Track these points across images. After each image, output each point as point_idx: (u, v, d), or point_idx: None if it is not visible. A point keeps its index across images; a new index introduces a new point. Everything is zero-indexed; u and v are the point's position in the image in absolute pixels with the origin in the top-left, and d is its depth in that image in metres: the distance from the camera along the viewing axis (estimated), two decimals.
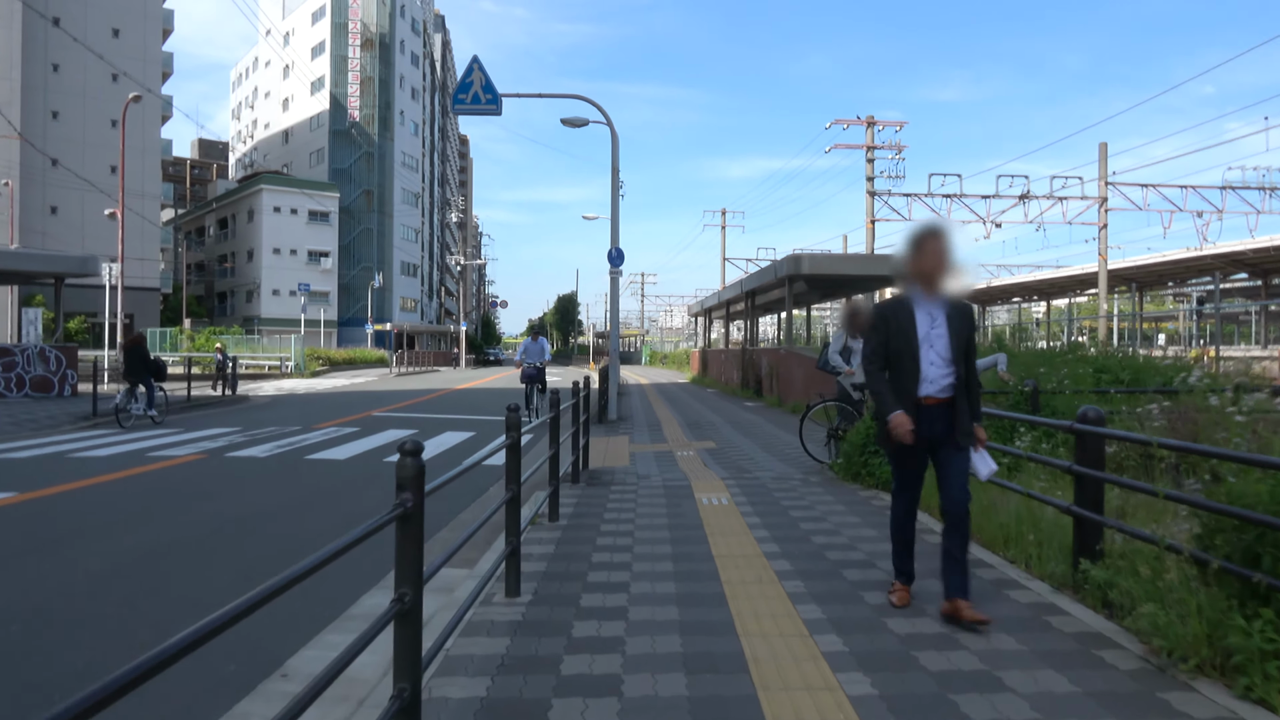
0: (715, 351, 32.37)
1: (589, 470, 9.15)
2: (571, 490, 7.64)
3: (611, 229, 15.98)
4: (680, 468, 9.34)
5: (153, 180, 57.42)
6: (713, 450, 11.03)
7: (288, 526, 6.66)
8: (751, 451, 10.83)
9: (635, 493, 7.49)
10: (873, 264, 18.84)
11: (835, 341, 9.00)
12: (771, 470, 8.95)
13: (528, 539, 5.62)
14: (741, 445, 11.57)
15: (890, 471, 7.69)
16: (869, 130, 34.42)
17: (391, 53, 70.10)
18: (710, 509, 6.66)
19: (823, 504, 6.86)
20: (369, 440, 12.27)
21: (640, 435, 13.12)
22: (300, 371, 35.84)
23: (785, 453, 10.61)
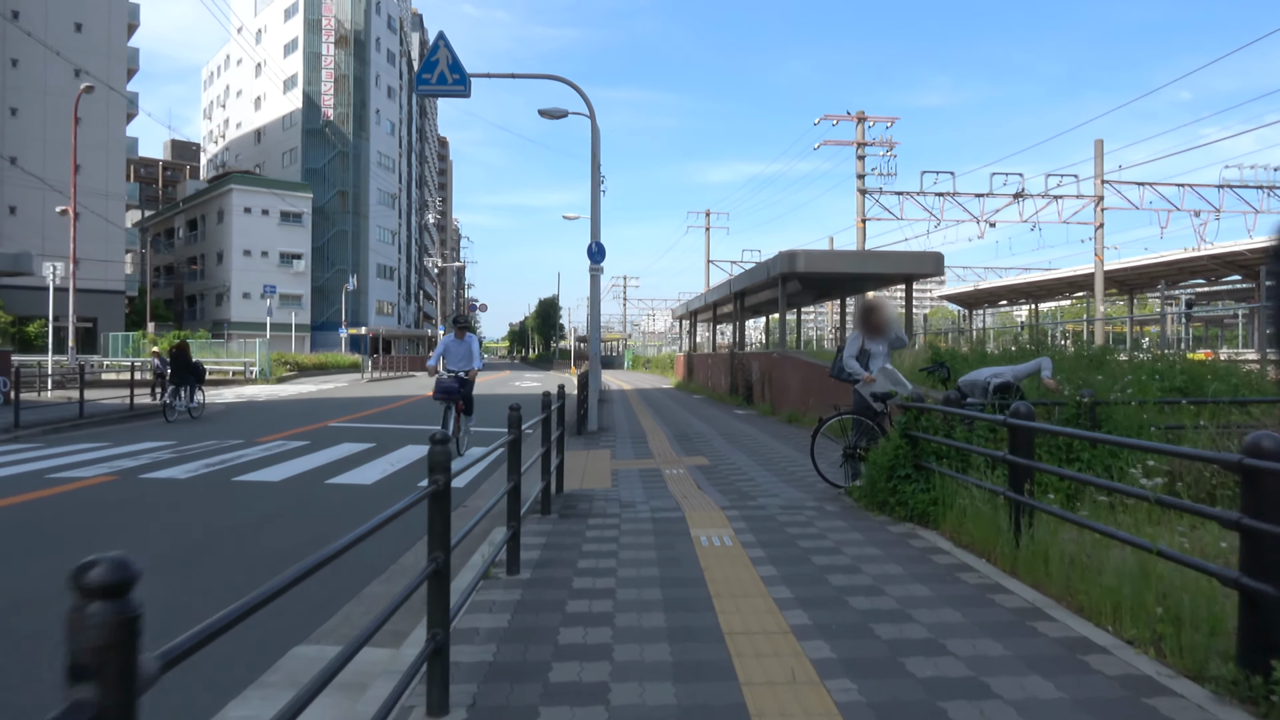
0: (701, 356, 31.07)
1: (564, 495, 7.80)
2: (540, 525, 6.27)
3: (592, 222, 14.63)
4: (670, 491, 7.99)
5: (117, 179, 55.50)
6: (705, 468, 9.69)
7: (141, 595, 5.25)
8: (749, 469, 9.50)
9: (618, 528, 6.13)
10: (872, 261, 17.60)
11: (850, 344, 7.70)
12: (777, 495, 7.62)
13: (475, 604, 4.26)
14: (737, 461, 10.23)
15: (926, 502, 6.44)
16: (859, 126, 33.29)
17: (367, 50, 68.44)
18: (712, 553, 5.32)
19: (850, 544, 5.53)
20: (316, 456, 10.83)
21: (624, 449, 11.77)
22: (266, 377, 34.19)
23: (790, 471, 9.28)
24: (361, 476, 9.20)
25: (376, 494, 8.26)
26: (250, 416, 17.57)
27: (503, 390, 31.25)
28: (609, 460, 10.54)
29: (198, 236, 69.08)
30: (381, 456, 11.00)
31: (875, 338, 7.67)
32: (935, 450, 6.39)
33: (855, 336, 7.69)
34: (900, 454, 6.44)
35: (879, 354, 7.68)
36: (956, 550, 5.32)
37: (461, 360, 11.09)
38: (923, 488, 6.23)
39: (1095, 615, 3.89)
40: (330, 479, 9.01)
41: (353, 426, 15.16)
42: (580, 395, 14.16)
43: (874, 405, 7.48)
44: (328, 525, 6.76)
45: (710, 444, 12.18)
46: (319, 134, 67.40)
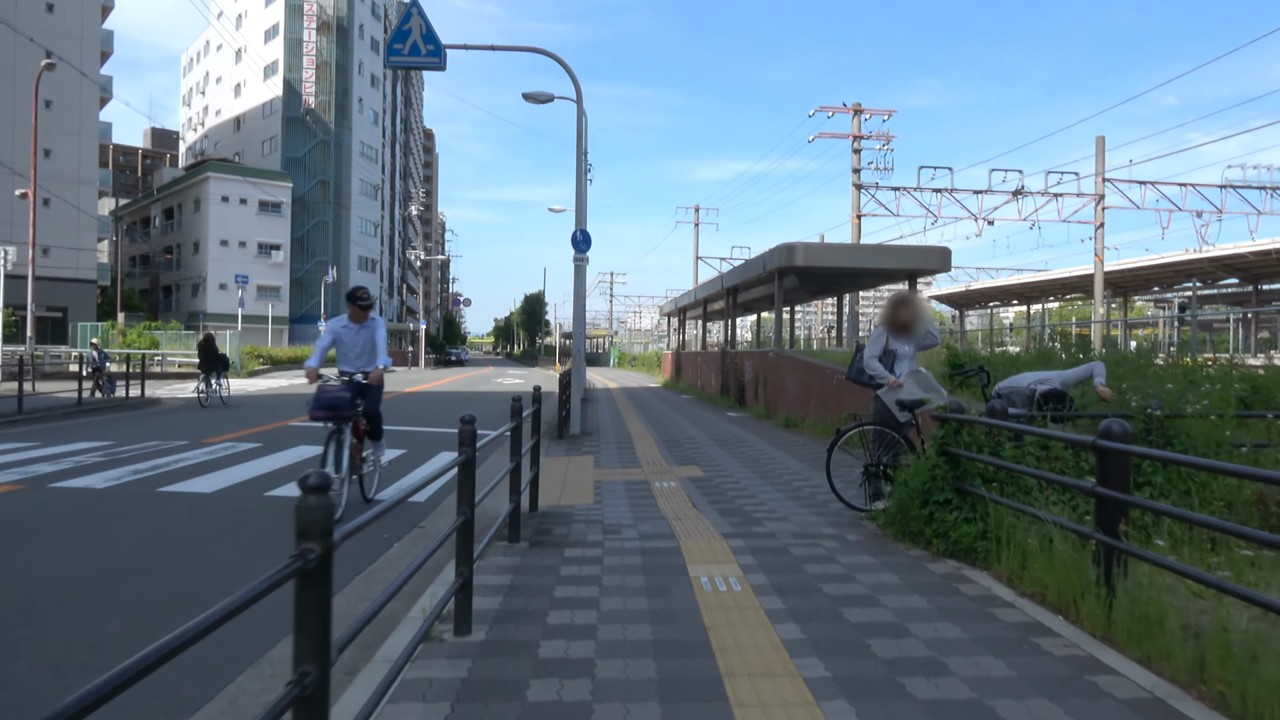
0: (690, 354, 30.01)
1: (538, 514, 6.71)
2: (507, 557, 5.18)
3: (577, 208, 13.53)
4: (661, 510, 6.91)
5: (90, 165, 53.89)
6: (700, 480, 8.62)
7: None
8: (750, 483, 8.43)
9: (600, 563, 5.04)
10: (875, 256, 16.57)
11: (873, 343, 6.63)
12: (786, 519, 6.55)
13: (407, 687, 3.16)
14: (735, 472, 9.16)
15: (974, 536, 5.31)
16: (856, 119, 32.30)
17: (350, 37, 66.92)
18: (717, 603, 4.24)
19: (887, 590, 4.47)
20: (264, 462, 9.68)
21: (608, 455, 10.68)
22: (236, 371, 32.83)
23: (796, 487, 8.22)
24: None
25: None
26: (205, 412, 16.35)
27: (484, 388, 30.09)
28: (592, 469, 9.46)
29: (174, 226, 67.38)
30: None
31: (902, 336, 6.61)
32: (981, 472, 5.34)
33: (879, 334, 6.63)
34: (938, 475, 5.39)
35: (906, 355, 6.63)
36: (1021, 601, 4.26)
37: (360, 357, 7.49)
38: (967, 517, 5.18)
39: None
40: (272, 489, 7.88)
41: (315, 426, 13.94)
42: (562, 395, 13.05)
43: (899, 415, 6.42)
44: (250, 554, 5.64)
45: (703, 451, 11.11)
46: (300, 122, 65.84)
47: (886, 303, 6.69)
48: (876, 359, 6.53)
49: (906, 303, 6.65)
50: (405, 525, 6.51)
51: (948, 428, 5.52)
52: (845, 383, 12.40)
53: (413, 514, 6.98)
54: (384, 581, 4.90)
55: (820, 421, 12.82)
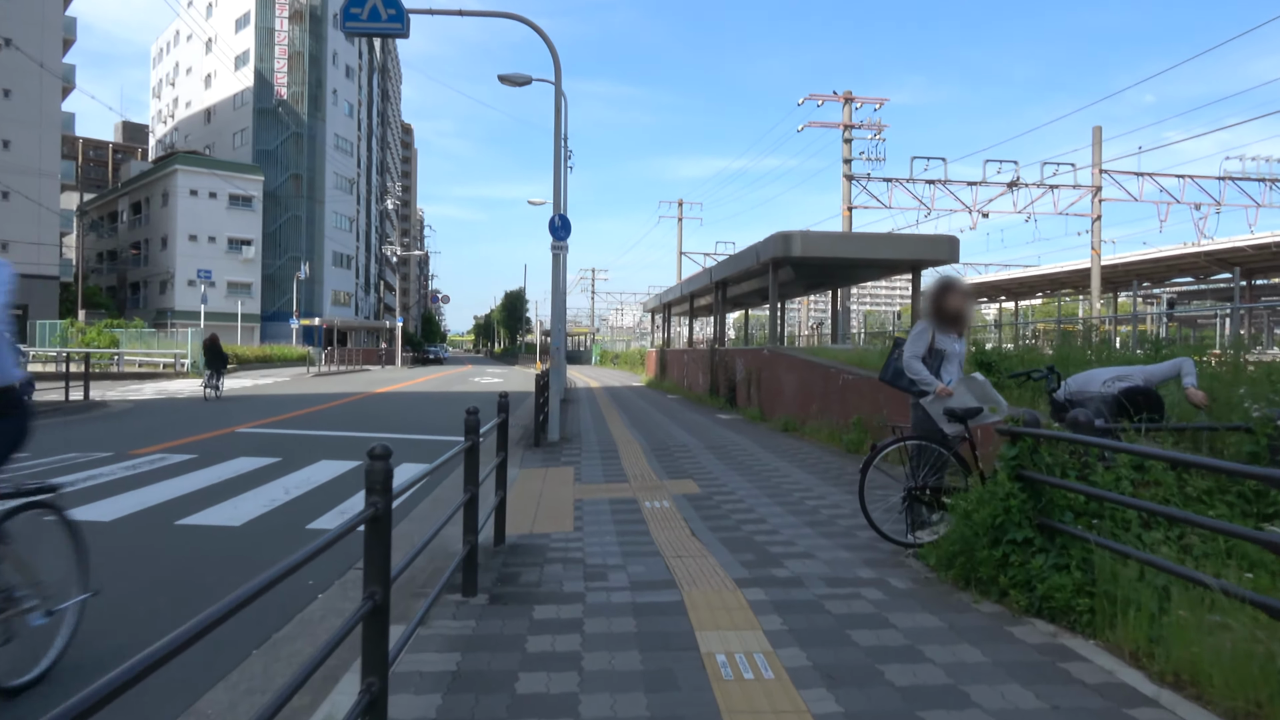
0: (676, 352, 28.80)
1: (506, 547, 5.48)
2: (457, 621, 3.94)
3: (554, 191, 12.27)
4: (655, 540, 5.69)
5: (51, 158, 51.97)
6: (697, 499, 7.39)
7: None
8: (755, 502, 7.21)
9: (579, 630, 3.81)
10: (878, 245, 15.41)
11: (914, 340, 5.41)
12: (810, 553, 5.33)
13: None
14: (736, 488, 7.94)
15: (1070, 590, 3.49)
16: (846, 107, 31.21)
17: (323, 26, 65.12)
18: (743, 701, 3.01)
19: (972, 675, 3.26)
20: (192, 478, 8.36)
21: (591, 467, 9.44)
22: (197, 371, 31.27)
23: (811, 508, 7.01)
24: (234, 512, 6.77)
25: (241, 544, 5.85)
26: (151, 418, 14.96)
27: (459, 388, 28.75)
28: (572, 485, 8.21)
29: (142, 220, 65.37)
30: (281, 477, 8.56)
31: (951, 330, 5.41)
32: (1071, 504, 4.15)
33: (922, 329, 5.41)
34: (1013, 507, 4.19)
35: (955, 355, 5.42)
36: (1165, 695, 3.07)
37: None
38: (1057, 562, 3.98)
39: None
40: (187, 517, 6.56)
41: (265, 433, 12.64)
42: (539, 398, 11.78)
43: (946, 427, 5.22)
44: (118, 616, 4.36)
45: (697, 461, 9.88)
46: (272, 114, 64.01)
47: (929, 290, 5.49)
48: (919, 359, 5.33)
49: (954, 288, 5.44)
50: (342, 562, 5.24)
51: (1022, 446, 4.33)
52: (852, 384, 11.24)
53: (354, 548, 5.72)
54: (291, 659, 3.65)
55: (824, 426, 11.64)
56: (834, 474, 8.70)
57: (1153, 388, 5.34)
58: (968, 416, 5.10)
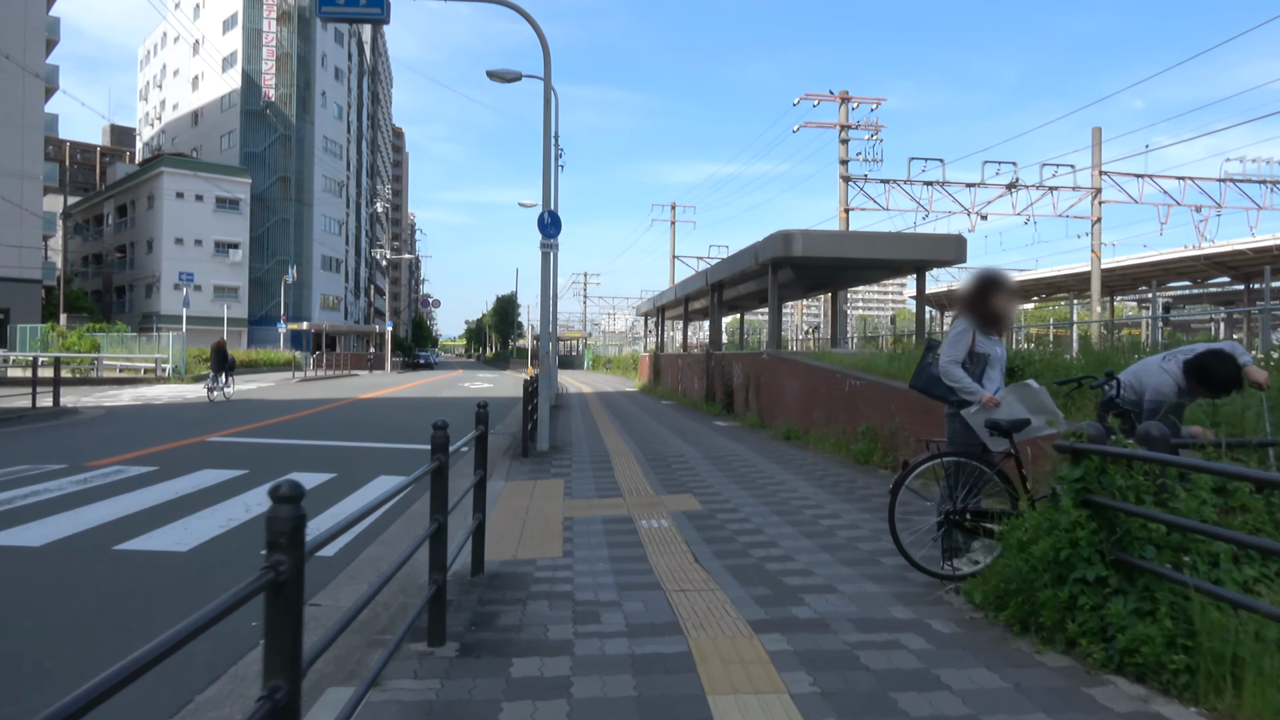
0: (670, 356, 28.13)
1: (484, 578, 4.81)
2: (418, 681, 3.26)
3: (544, 185, 11.60)
4: (654, 569, 5.02)
5: (34, 160, 51.02)
6: (699, 517, 6.72)
7: None
8: (764, 521, 6.54)
9: (565, 694, 3.13)
10: (883, 244, 14.78)
11: (953, 343, 4.73)
12: (832, 586, 4.66)
13: None
14: (740, 505, 7.27)
15: (1160, 642, 3.07)
16: (842, 107, 30.65)
17: (312, 27, 64.31)
18: None
19: None
20: (147, 493, 7.64)
21: (582, 479, 8.76)
22: (179, 376, 30.48)
23: (826, 528, 6.34)
24: (183, 535, 6.06)
25: (182, 574, 5.15)
26: (121, 425, 14.21)
27: (448, 393, 28.02)
28: (561, 500, 7.53)
29: (127, 224, 64.41)
30: (246, 492, 7.85)
31: (992, 331, 4.76)
32: (1153, 536, 3.50)
33: (962, 330, 4.74)
34: (1081, 539, 3.53)
35: (998, 359, 4.77)
36: None
37: None
38: (1139, 607, 3.32)
39: None
40: (129, 541, 5.85)
41: (238, 442, 11.91)
42: (527, 405, 11.09)
43: (989, 441, 4.56)
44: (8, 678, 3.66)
45: (696, 473, 9.21)
46: (259, 116, 63.18)
47: (970, 286, 4.82)
48: (959, 364, 4.66)
49: (1000, 283, 4.78)
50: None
51: (1087, 465, 3.67)
52: (859, 390, 10.59)
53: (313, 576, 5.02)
54: None
55: (830, 435, 10.98)
56: (844, 488, 8.04)
57: (1220, 353, 4.59)
58: (1014, 430, 4.44)
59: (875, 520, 6.42)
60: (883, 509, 6.86)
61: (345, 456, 10.63)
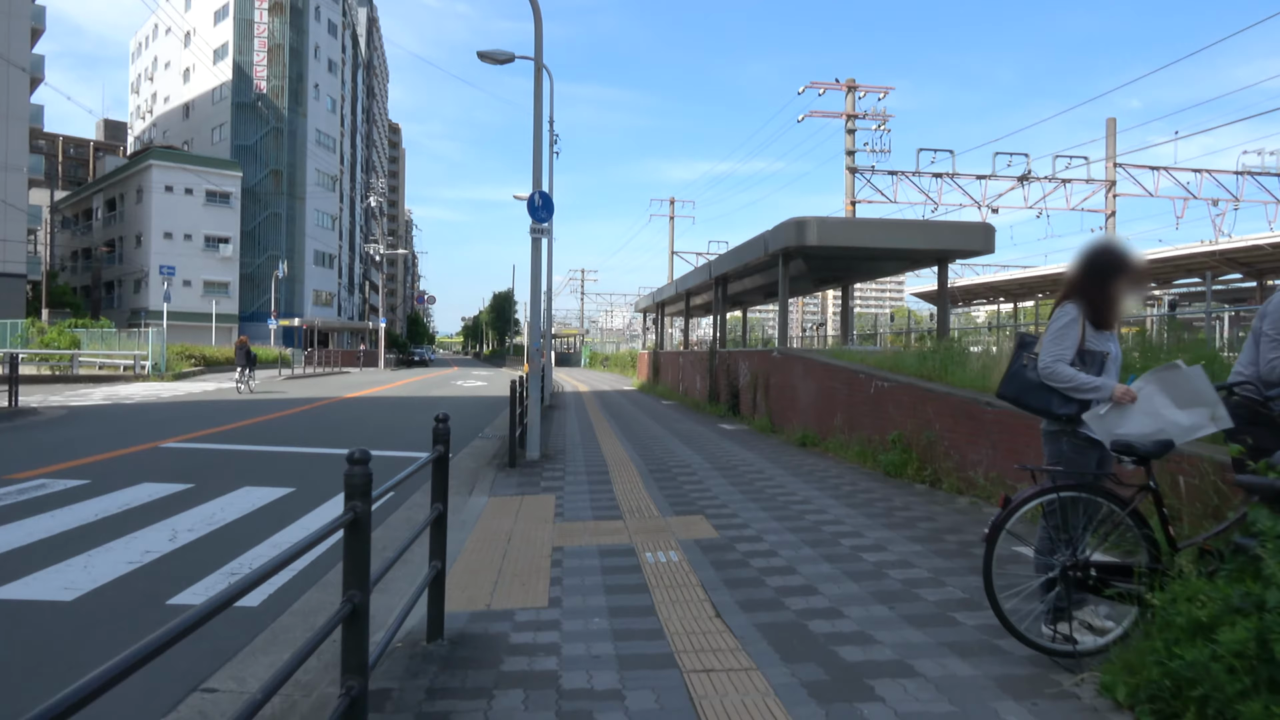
0: (670, 354, 26.99)
1: (444, 643, 3.69)
2: None
3: (534, 165, 10.44)
4: (666, 634, 3.89)
5: (18, 151, 49.77)
6: (715, 549, 5.59)
7: None
8: (795, 556, 5.40)
9: None
10: (903, 233, 13.63)
11: (1059, 336, 3.58)
12: (906, 662, 3.52)
13: None
14: (762, 530, 6.14)
15: None
16: (849, 96, 29.52)
17: (304, 18, 63.07)
18: None
19: None
20: (60, 516, 6.48)
21: (576, 496, 7.63)
22: (160, 373, 29.29)
23: (874, 566, 5.20)
24: (79, 575, 4.90)
25: (58, 632, 4.00)
26: (77, 428, 13.05)
27: (439, 392, 26.87)
28: (551, 523, 6.40)
29: (117, 218, 63.13)
30: (180, 513, 6.72)
31: (1107, 322, 3.63)
32: None
33: (1071, 320, 3.59)
34: None
35: (1114, 360, 3.62)
36: None
37: None
38: None
39: None
40: (7, 584, 4.70)
41: (194, 448, 10.76)
42: (516, 407, 9.94)
43: (1124, 459, 3.41)
44: None
45: (705, 487, 8.08)
46: (251, 108, 61.91)
47: (1087, 260, 3.67)
48: (1062, 361, 3.53)
49: (1123, 260, 3.63)
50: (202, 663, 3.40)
51: None
52: (888, 393, 9.44)
53: (225, 634, 3.89)
54: None
55: (852, 442, 9.85)
56: (880, 508, 6.91)
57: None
58: (1156, 455, 3.30)
59: (930, 555, 5.29)
60: (935, 539, 5.74)
61: (311, 465, 9.49)
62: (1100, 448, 3.60)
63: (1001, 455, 6.92)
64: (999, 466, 6.95)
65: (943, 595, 4.42)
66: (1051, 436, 3.73)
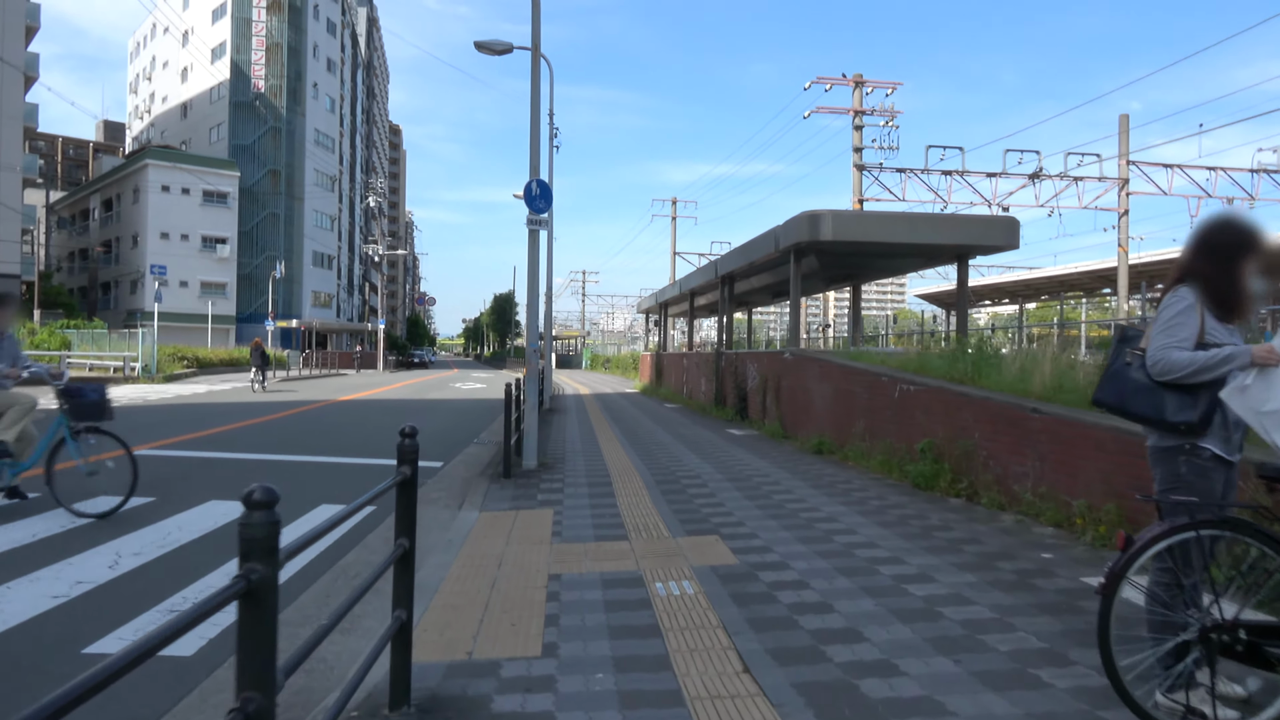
0: (674, 355, 26.25)
1: (411, 710, 2.96)
2: None
3: (531, 147, 9.72)
4: (685, 693, 3.17)
5: (12, 151, 49.11)
6: (735, 576, 4.86)
7: None
8: (828, 587, 4.68)
9: None
10: (924, 227, 12.89)
11: (1172, 326, 2.88)
12: None
13: None
14: (787, 553, 5.41)
15: None
16: (856, 91, 28.80)
17: (303, 17, 62.43)
18: None
19: None
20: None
21: (576, 511, 6.90)
22: (150, 375, 28.58)
23: (923, 603, 4.47)
24: None
25: None
26: None
27: (436, 395, 26.15)
28: (548, 545, 5.67)
29: (113, 218, 62.46)
30: (131, 532, 6.01)
31: (1236, 312, 2.91)
32: None
33: (1186, 308, 2.87)
34: None
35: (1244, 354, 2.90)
36: None
37: None
38: None
39: None
40: None
41: (166, 456, 10.03)
42: (510, 414, 9.22)
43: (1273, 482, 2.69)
44: None
45: (718, 501, 7.35)
46: (248, 107, 61.26)
47: (1199, 241, 2.96)
48: (1176, 349, 2.81)
49: (1255, 240, 2.90)
50: None
51: None
52: (915, 397, 8.71)
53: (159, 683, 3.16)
54: None
55: (875, 451, 9.11)
56: (917, 527, 6.18)
57: None
58: None
59: (987, 588, 4.56)
60: (986, 566, 5.01)
61: (290, 475, 8.76)
62: (1228, 469, 2.88)
63: (1051, 468, 6.19)
64: (1048, 480, 6.22)
65: (1014, 643, 3.68)
66: (1164, 455, 2.99)
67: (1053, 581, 4.67)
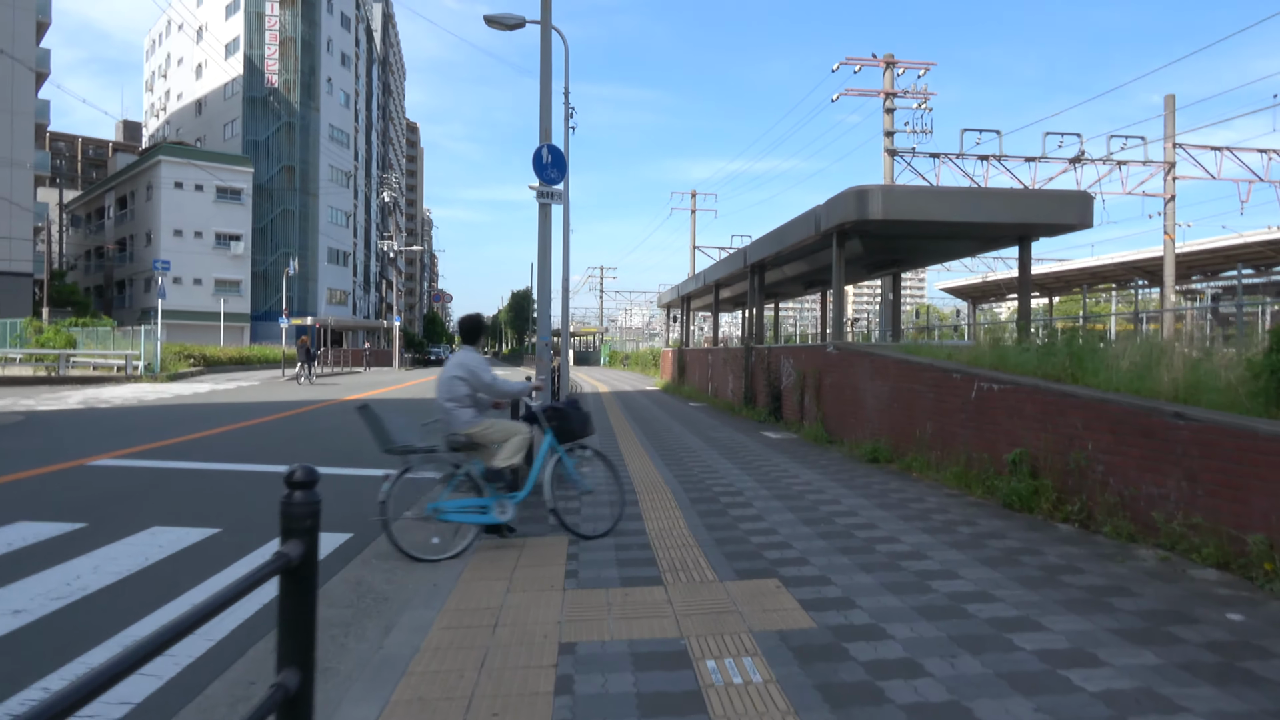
0: (697, 351, 24.88)
1: None
2: None
3: (541, 113, 8.41)
4: None
5: (23, 147, 48.56)
6: (813, 650, 3.53)
7: None
8: (948, 671, 3.35)
9: None
10: (984, 204, 11.39)
11: None
12: None
13: None
14: (873, 607, 4.09)
15: None
16: (887, 72, 27.27)
17: (316, 10, 61.49)
18: None
19: None
20: None
21: (595, 548, 5.59)
22: (153, 374, 27.58)
23: (1088, 697, 3.10)
24: None
25: None
26: (16, 439, 11.18)
27: None
28: (558, 592, 4.36)
29: (127, 216, 61.86)
30: (49, 569, 4.78)
31: None
32: None
33: None
34: None
35: None
36: None
37: None
38: None
39: None
40: None
41: (124, 467, 8.81)
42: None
43: None
44: None
45: (769, 526, 6.00)
46: (262, 103, 60.38)
47: None
48: None
49: None
50: None
51: None
52: (998, 397, 7.17)
53: None
54: None
55: (946, 461, 7.74)
56: (1035, 568, 4.81)
57: None
58: None
59: (1180, 674, 3.20)
60: (1162, 636, 3.60)
61: (257, 493, 7.52)
62: None
63: (1207, 492, 4.81)
64: (1203, 507, 4.83)
65: None
66: None
67: (1272, 665, 3.30)
